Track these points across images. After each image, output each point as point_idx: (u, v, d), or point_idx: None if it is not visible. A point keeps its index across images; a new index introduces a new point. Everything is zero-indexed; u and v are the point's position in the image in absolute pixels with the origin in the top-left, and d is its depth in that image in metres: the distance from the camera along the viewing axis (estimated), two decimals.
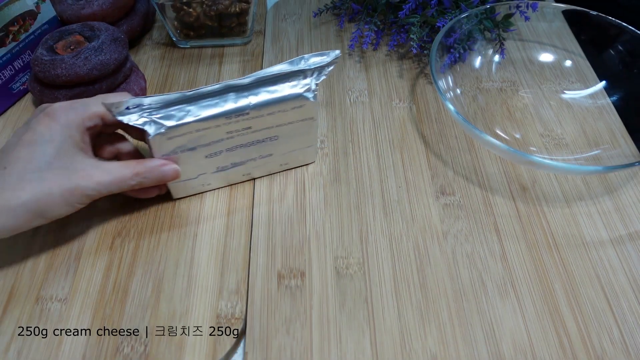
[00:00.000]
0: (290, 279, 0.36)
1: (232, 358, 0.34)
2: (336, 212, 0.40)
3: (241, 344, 0.34)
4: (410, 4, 0.50)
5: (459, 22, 0.48)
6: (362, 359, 0.32)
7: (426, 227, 0.39)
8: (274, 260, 0.37)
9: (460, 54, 0.50)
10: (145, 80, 0.50)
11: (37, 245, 0.38)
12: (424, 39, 0.52)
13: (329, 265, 0.37)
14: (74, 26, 0.47)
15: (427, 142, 0.45)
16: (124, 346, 0.33)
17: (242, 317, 0.34)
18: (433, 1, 0.50)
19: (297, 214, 0.40)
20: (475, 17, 0.50)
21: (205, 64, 0.53)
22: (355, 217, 0.40)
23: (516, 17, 0.52)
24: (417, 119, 0.47)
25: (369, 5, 0.57)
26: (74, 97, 0.44)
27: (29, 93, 0.50)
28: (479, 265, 0.37)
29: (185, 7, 0.51)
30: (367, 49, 0.55)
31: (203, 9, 0.51)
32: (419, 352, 0.33)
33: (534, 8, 0.51)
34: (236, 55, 0.54)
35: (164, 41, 0.56)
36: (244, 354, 0.33)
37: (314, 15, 0.58)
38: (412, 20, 0.52)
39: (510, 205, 0.41)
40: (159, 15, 0.56)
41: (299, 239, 0.38)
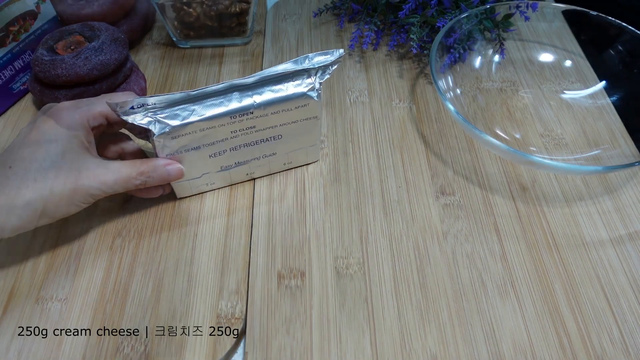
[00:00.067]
0: (290, 279, 0.36)
1: (232, 358, 0.34)
2: (336, 212, 0.40)
3: (241, 344, 0.34)
4: (410, 4, 0.50)
5: (459, 22, 0.48)
6: (362, 358, 0.32)
7: (426, 227, 0.39)
8: (274, 260, 0.37)
9: (460, 54, 0.50)
10: (145, 81, 0.50)
11: (37, 245, 0.38)
12: (424, 39, 0.52)
13: (329, 265, 0.37)
14: (74, 26, 0.47)
15: (427, 142, 0.45)
16: (124, 346, 0.33)
17: (242, 317, 0.34)
18: (433, 1, 0.50)
19: (297, 214, 0.40)
20: (475, 17, 0.50)
21: (205, 64, 0.53)
22: (355, 217, 0.40)
23: (516, 17, 0.52)
24: (417, 119, 0.47)
25: (369, 5, 0.57)
26: (74, 97, 0.44)
27: (29, 93, 0.50)
28: (479, 265, 0.37)
29: (185, 7, 0.51)
30: (367, 49, 0.55)
31: (203, 9, 0.51)
32: (419, 352, 0.33)
33: (534, 8, 0.51)
34: (236, 55, 0.54)
35: (164, 41, 0.56)
36: (244, 354, 0.33)
37: (314, 15, 0.58)
38: (412, 20, 0.52)
39: (510, 205, 0.41)
40: (159, 15, 0.56)
41: (299, 239, 0.38)
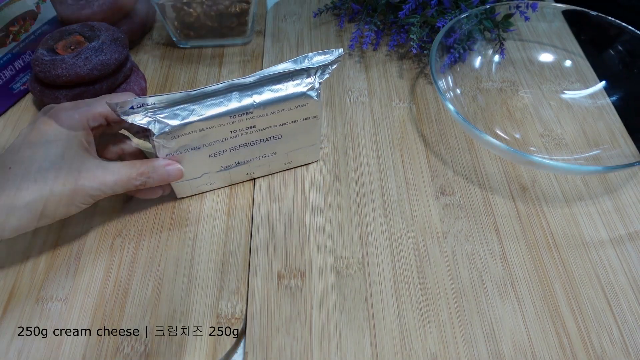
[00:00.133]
0: (290, 279, 0.36)
1: (232, 358, 0.34)
2: (336, 212, 0.40)
3: (241, 344, 0.34)
4: (410, 4, 0.50)
5: (458, 22, 0.48)
6: (362, 358, 0.32)
7: (426, 227, 0.39)
8: (274, 260, 0.37)
9: (460, 54, 0.50)
10: (145, 81, 0.50)
11: (37, 245, 0.38)
12: (424, 39, 0.52)
13: (329, 265, 0.37)
14: (74, 26, 0.47)
15: (427, 142, 0.45)
16: (124, 346, 0.33)
17: (242, 317, 0.34)
18: (433, 1, 0.50)
19: (297, 214, 0.40)
20: (475, 17, 0.50)
21: (205, 64, 0.53)
22: (355, 217, 0.40)
23: (516, 17, 0.52)
24: (417, 119, 0.47)
25: (369, 5, 0.57)
26: (75, 97, 0.44)
27: (30, 93, 0.50)
28: (479, 265, 0.37)
29: (185, 7, 0.51)
30: (367, 49, 0.55)
31: (203, 9, 0.51)
32: (419, 352, 0.33)
33: (533, 8, 0.51)
34: (236, 55, 0.54)
35: (164, 41, 0.56)
36: (244, 354, 0.33)
37: (314, 16, 0.58)
38: (412, 20, 0.52)
39: (510, 205, 0.41)
40: (159, 15, 0.56)
41: (299, 239, 0.38)
